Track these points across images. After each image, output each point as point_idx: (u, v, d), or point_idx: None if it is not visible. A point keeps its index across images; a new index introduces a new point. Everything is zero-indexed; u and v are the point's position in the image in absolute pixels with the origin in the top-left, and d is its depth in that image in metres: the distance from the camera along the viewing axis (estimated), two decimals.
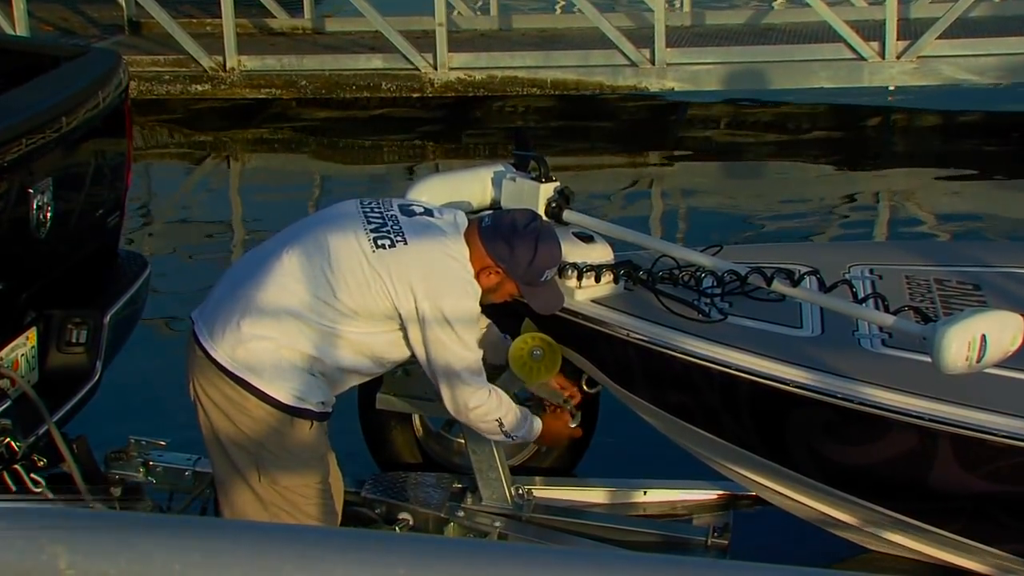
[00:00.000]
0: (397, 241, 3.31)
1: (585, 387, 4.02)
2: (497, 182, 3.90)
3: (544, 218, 3.56)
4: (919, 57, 10.59)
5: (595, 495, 4.43)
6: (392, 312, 3.32)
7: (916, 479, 3.44)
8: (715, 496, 4.38)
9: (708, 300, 3.79)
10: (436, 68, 11.04)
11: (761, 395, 3.56)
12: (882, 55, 10.60)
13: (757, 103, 11.49)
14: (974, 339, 3.22)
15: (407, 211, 3.42)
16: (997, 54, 10.50)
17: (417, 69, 11.06)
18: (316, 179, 10.40)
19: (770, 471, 3.73)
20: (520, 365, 3.87)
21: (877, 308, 3.55)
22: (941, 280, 3.91)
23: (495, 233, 3.40)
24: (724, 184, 10.03)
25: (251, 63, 11.37)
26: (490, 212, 3.58)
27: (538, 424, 3.75)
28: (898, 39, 10.55)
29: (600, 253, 3.80)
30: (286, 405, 3.37)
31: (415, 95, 11.14)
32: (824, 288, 3.61)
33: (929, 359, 3.42)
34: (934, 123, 11.29)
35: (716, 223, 8.61)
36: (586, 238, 3.81)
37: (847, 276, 3.85)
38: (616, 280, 3.80)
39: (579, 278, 3.74)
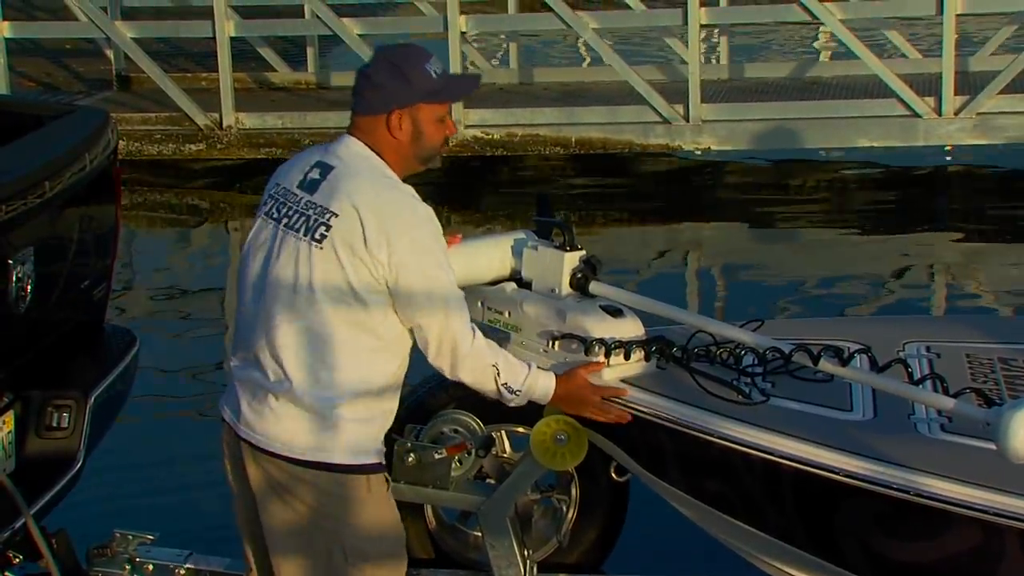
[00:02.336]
0: (328, 219, 3.36)
1: (614, 475, 4.01)
2: (518, 251, 3.92)
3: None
4: (979, 114, 10.64)
5: None
6: (370, 279, 3.36)
7: None
8: None
9: (749, 380, 3.78)
10: None
11: (807, 484, 3.54)
12: (938, 111, 10.65)
13: (800, 163, 11.55)
14: None
15: (310, 186, 3.43)
16: None
17: None
18: None
19: (817, 569, 3.70)
20: (543, 451, 3.86)
21: (935, 390, 3.55)
22: (1006, 359, 3.91)
23: (361, 97, 3.46)
24: (763, 252, 10.06)
25: (250, 120, 11.49)
26: None
27: (547, 380, 3.63)
28: (956, 94, 10.61)
29: (630, 328, 3.81)
30: (349, 466, 3.41)
31: None
32: (876, 368, 3.61)
33: (994, 446, 3.41)
34: (994, 185, 11.31)
35: (754, 296, 8.64)
36: (615, 312, 3.82)
37: (901, 354, 3.85)
38: (648, 358, 3.80)
39: (607, 355, 3.74)
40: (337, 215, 3.35)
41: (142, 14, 13.59)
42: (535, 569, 4.21)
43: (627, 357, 3.76)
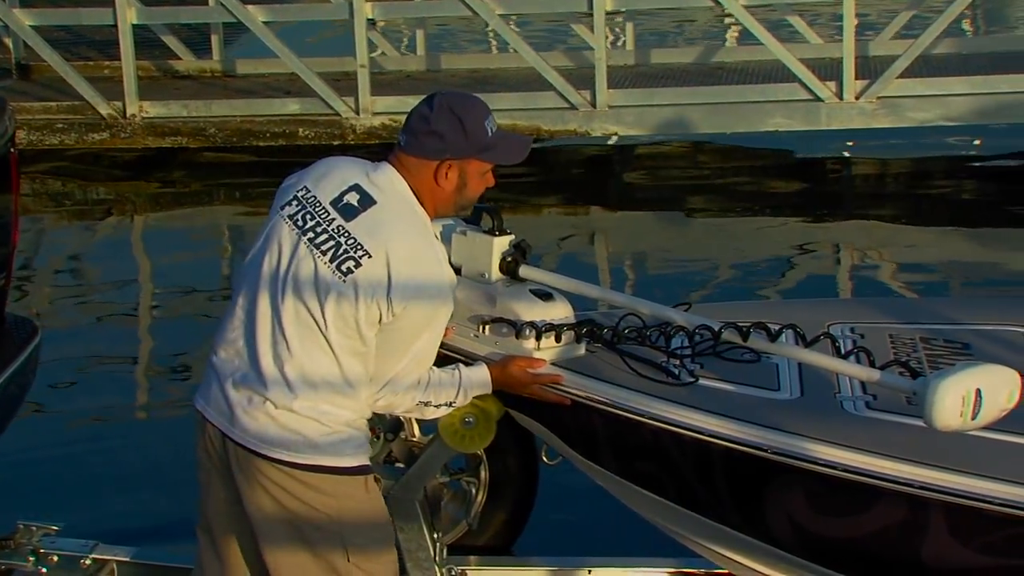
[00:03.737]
0: (361, 258, 3.35)
1: (545, 459, 4.03)
2: (446, 236, 3.91)
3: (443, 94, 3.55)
4: (880, 98, 10.79)
5: (535, 574, 4.42)
6: (376, 324, 3.38)
7: (907, 553, 3.48)
8: (665, 574, 4.40)
9: (678, 361, 3.82)
10: (358, 113, 11.09)
11: (737, 463, 3.58)
12: (840, 95, 10.79)
13: (708, 147, 11.65)
14: (968, 394, 3.26)
15: (345, 209, 3.42)
16: (962, 94, 10.72)
17: (338, 114, 11.11)
18: (226, 235, 10.40)
19: (747, 547, 3.74)
20: (451, 433, 3.87)
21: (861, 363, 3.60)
22: (927, 339, 3.97)
23: (414, 137, 3.44)
24: (673, 236, 10.13)
25: (154, 109, 11.35)
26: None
27: (481, 378, 3.67)
28: (857, 78, 10.75)
29: (560, 311, 3.82)
30: (349, 468, 3.44)
31: (336, 143, 11.14)
32: (804, 343, 3.65)
33: (918, 423, 3.47)
34: (896, 167, 11.50)
35: (665, 281, 8.71)
36: (544, 295, 3.83)
37: (787, 325, 3.89)
38: (578, 340, 3.82)
39: (538, 339, 3.75)
40: (371, 257, 3.36)
41: (41, 1, 13.37)
42: (445, 552, 4.23)
43: (558, 340, 3.78)
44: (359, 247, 3.36)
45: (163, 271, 9.38)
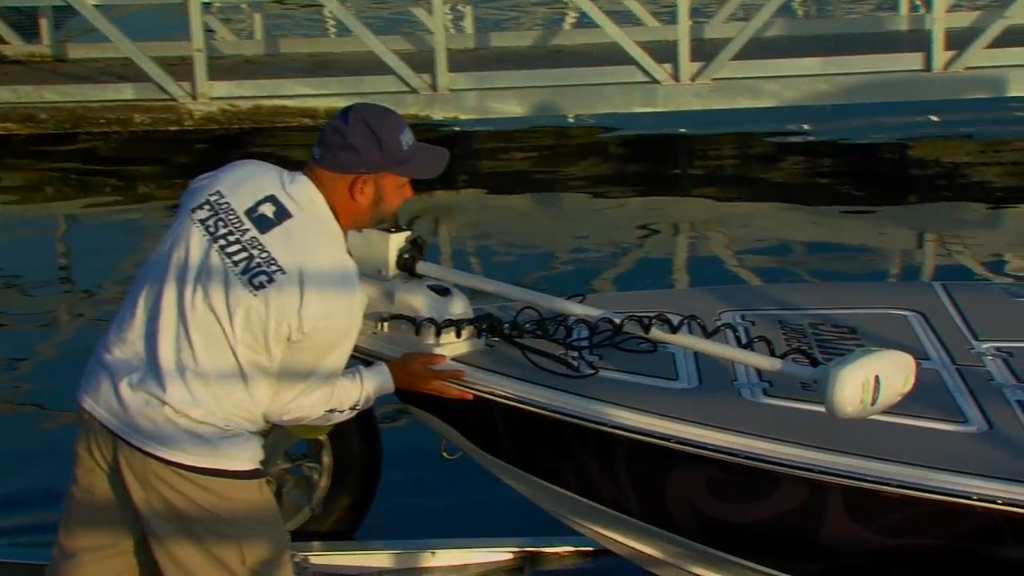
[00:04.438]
0: (274, 273, 3.29)
1: (445, 454, 4.02)
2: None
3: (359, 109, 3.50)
4: (714, 79, 10.98)
5: (379, 559, 4.44)
6: (285, 340, 3.32)
7: (808, 535, 3.56)
8: (509, 555, 4.47)
9: (576, 353, 3.84)
10: (195, 98, 10.90)
11: (639, 453, 3.62)
12: (676, 77, 10.94)
13: (547, 129, 11.72)
14: (867, 381, 3.34)
15: (259, 220, 3.35)
16: (794, 75, 10.97)
17: (174, 99, 10.91)
18: (61, 226, 10.12)
19: (649, 536, 3.79)
20: None
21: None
22: (815, 324, 4.06)
23: (329, 151, 3.39)
24: (518, 218, 10.19)
25: None
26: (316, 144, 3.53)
27: (382, 380, 3.62)
28: (692, 61, 10.92)
29: (458, 306, 3.81)
30: (246, 471, 3.39)
31: (173, 128, 10.96)
32: (705, 334, 3.71)
33: (813, 407, 3.55)
34: (731, 149, 11.72)
35: (512, 262, 8.74)
36: (442, 291, 3.82)
37: (719, 323, 3.96)
38: (479, 335, 3.82)
39: (437, 334, 3.74)
40: (284, 273, 3.29)
41: None
42: (288, 538, 4.20)
43: (458, 335, 3.78)
44: (272, 262, 3.30)
45: None
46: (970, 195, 10.29)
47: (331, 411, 3.52)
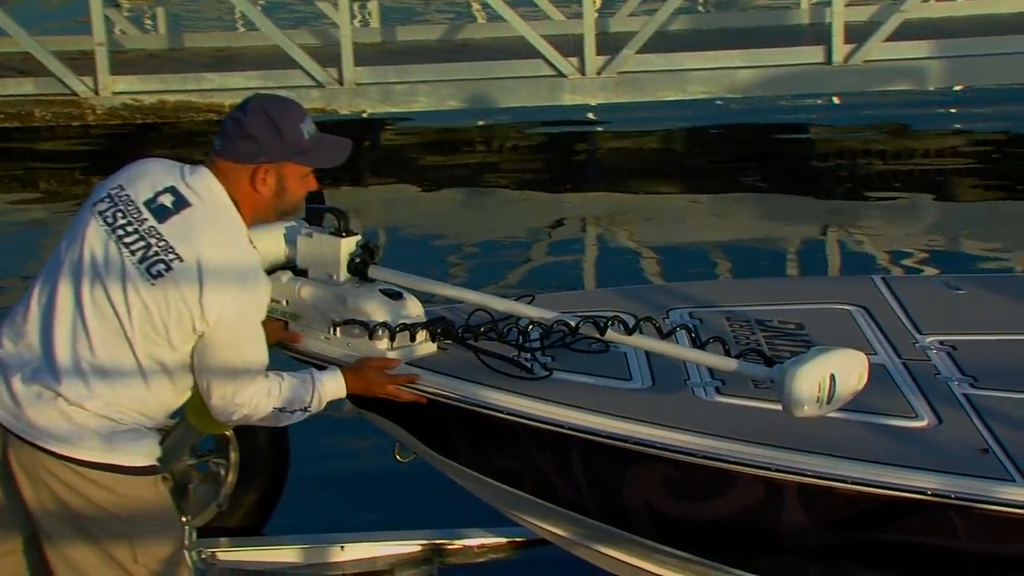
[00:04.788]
0: (171, 261, 3.26)
1: (398, 456, 3.99)
2: (291, 239, 3.83)
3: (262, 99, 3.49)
4: (620, 73, 11.01)
5: (288, 554, 4.44)
6: (190, 333, 3.29)
7: (763, 533, 3.58)
8: (418, 548, 4.51)
9: (530, 355, 3.83)
10: (97, 93, 10.70)
11: (596, 455, 3.62)
12: (582, 71, 10.96)
13: (455, 123, 11.69)
14: (824, 379, 3.37)
15: (158, 210, 3.32)
16: (698, 68, 11.04)
17: (75, 94, 10.69)
18: None
19: (606, 536, 3.80)
20: (199, 415, 3.74)
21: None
22: (762, 321, 4.09)
23: (229, 142, 3.37)
24: (425, 213, 10.16)
25: None
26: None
27: (335, 384, 3.58)
28: (598, 54, 10.94)
29: (411, 310, 3.78)
30: (141, 467, 3.34)
31: (75, 123, 10.76)
32: (661, 335, 3.72)
33: (766, 405, 3.59)
34: (637, 142, 11.78)
35: (416, 254, 8.70)
36: (395, 295, 3.78)
37: (667, 321, 3.98)
38: (433, 339, 3.79)
39: (391, 339, 3.71)
40: (182, 261, 3.26)
41: None
42: (195, 535, 4.19)
43: (412, 339, 3.75)
44: (170, 250, 3.27)
45: None
46: (871, 186, 10.46)
47: (281, 410, 3.47)
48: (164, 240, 3.27)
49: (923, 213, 9.79)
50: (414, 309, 3.80)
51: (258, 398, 3.42)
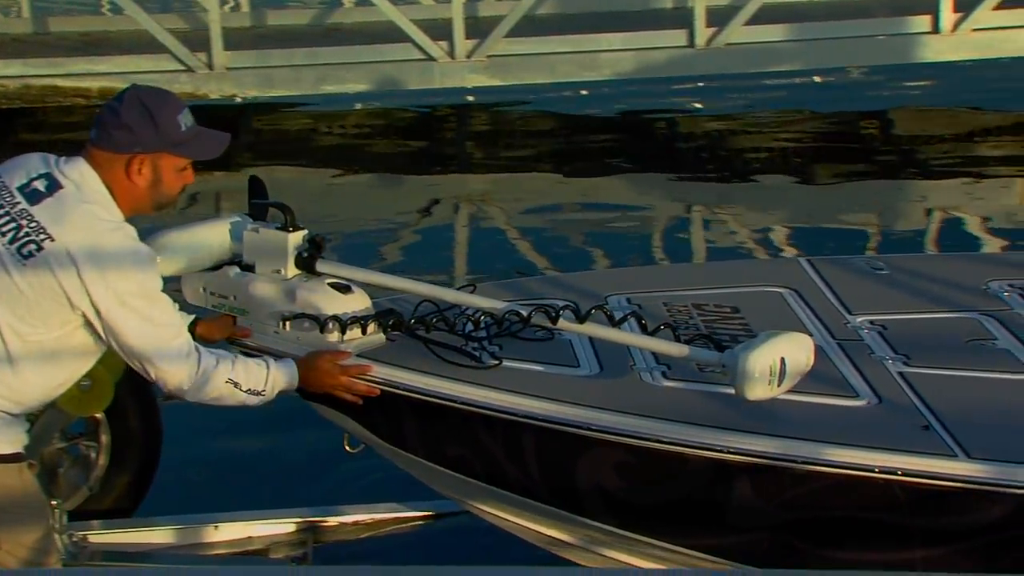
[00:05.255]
0: (42, 241, 3.22)
1: (347, 447, 3.95)
2: (236, 235, 3.75)
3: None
4: (489, 56, 11.03)
5: (161, 535, 4.40)
6: (69, 315, 3.26)
7: (714, 513, 3.62)
8: (292, 526, 4.49)
9: (478, 344, 3.82)
10: None
11: (549, 441, 3.63)
12: (452, 55, 10.95)
13: (326, 107, 11.58)
14: (774, 363, 3.42)
15: (31, 194, 3.29)
16: (566, 52, 11.10)
17: None
18: None
19: (556, 519, 3.81)
20: (67, 398, 3.67)
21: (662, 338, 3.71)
22: (699, 305, 4.13)
23: (104, 131, 3.35)
24: (297, 194, 10.00)
25: None
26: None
27: (288, 370, 3.54)
28: (467, 38, 10.93)
29: (360, 303, 3.73)
30: (4, 455, 3.31)
31: None
32: (612, 323, 3.73)
33: (712, 388, 3.62)
34: (511, 124, 11.80)
35: None
36: (343, 288, 3.73)
37: (606, 307, 3.98)
38: (385, 331, 3.76)
39: (343, 331, 3.67)
40: (53, 240, 3.21)
41: None
42: (65, 518, 4.11)
43: (364, 331, 3.71)
44: (41, 230, 3.23)
45: None
46: (733, 167, 10.62)
47: (236, 385, 3.44)
48: (36, 221, 3.23)
49: (784, 194, 9.95)
50: (363, 302, 3.75)
51: (205, 369, 3.38)
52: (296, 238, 3.73)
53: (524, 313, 3.72)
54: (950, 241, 8.64)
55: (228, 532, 4.44)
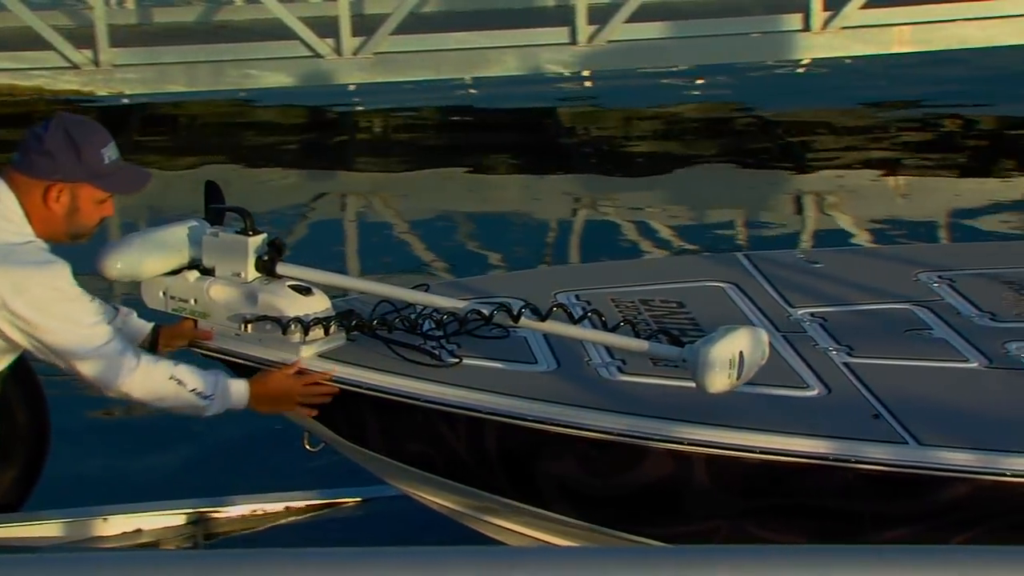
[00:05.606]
0: None
1: (308, 446, 3.92)
2: (195, 239, 3.71)
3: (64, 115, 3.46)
4: (375, 53, 10.98)
5: (49, 529, 4.35)
6: None
7: (673, 504, 3.67)
8: (182, 518, 4.49)
9: (436, 343, 3.82)
10: None
11: (510, 437, 3.65)
12: (339, 52, 10.88)
13: (216, 103, 11.42)
14: (734, 357, 3.46)
15: None
16: (451, 49, 11.10)
17: None
18: None
19: (522, 515, 3.82)
20: None
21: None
22: (645, 300, 4.17)
23: (26, 156, 3.35)
24: (183, 190, 9.89)
25: None
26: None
27: (238, 383, 3.55)
28: (354, 35, 10.87)
29: (320, 304, 3.71)
30: None
31: None
32: (572, 320, 3.76)
33: (668, 382, 3.67)
34: (394, 119, 11.76)
35: None
36: (304, 290, 3.71)
37: (554, 303, 4.02)
38: (346, 332, 3.74)
39: (305, 332, 3.65)
40: None
41: None
42: None
43: (327, 332, 3.69)
44: None
45: None
46: (619, 162, 10.72)
47: (193, 391, 3.44)
48: None
49: (669, 186, 10.06)
50: (323, 303, 3.74)
51: (145, 366, 3.38)
52: (256, 241, 3.71)
53: (486, 312, 3.73)
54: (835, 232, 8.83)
55: (118, 524, 4.39)
